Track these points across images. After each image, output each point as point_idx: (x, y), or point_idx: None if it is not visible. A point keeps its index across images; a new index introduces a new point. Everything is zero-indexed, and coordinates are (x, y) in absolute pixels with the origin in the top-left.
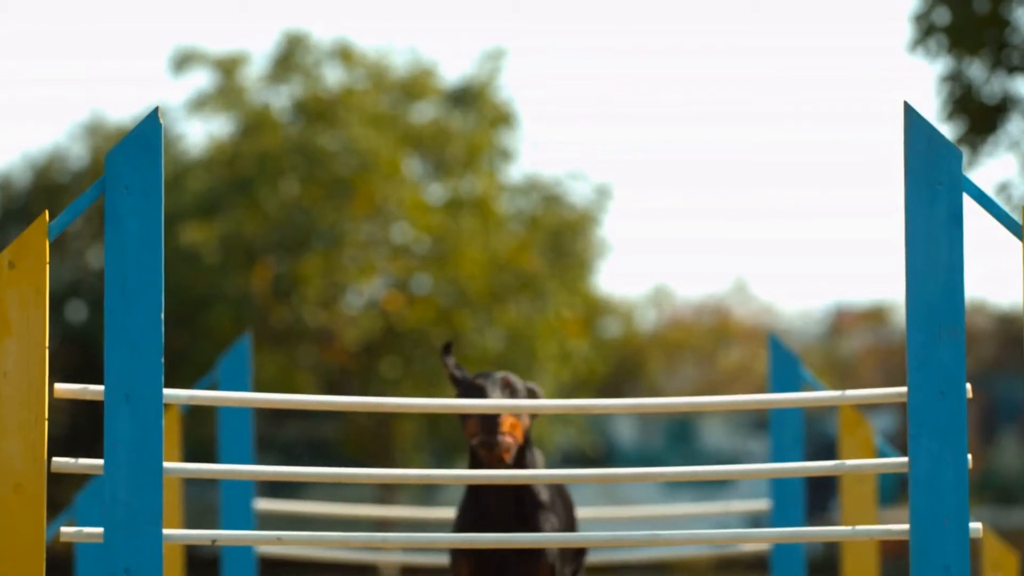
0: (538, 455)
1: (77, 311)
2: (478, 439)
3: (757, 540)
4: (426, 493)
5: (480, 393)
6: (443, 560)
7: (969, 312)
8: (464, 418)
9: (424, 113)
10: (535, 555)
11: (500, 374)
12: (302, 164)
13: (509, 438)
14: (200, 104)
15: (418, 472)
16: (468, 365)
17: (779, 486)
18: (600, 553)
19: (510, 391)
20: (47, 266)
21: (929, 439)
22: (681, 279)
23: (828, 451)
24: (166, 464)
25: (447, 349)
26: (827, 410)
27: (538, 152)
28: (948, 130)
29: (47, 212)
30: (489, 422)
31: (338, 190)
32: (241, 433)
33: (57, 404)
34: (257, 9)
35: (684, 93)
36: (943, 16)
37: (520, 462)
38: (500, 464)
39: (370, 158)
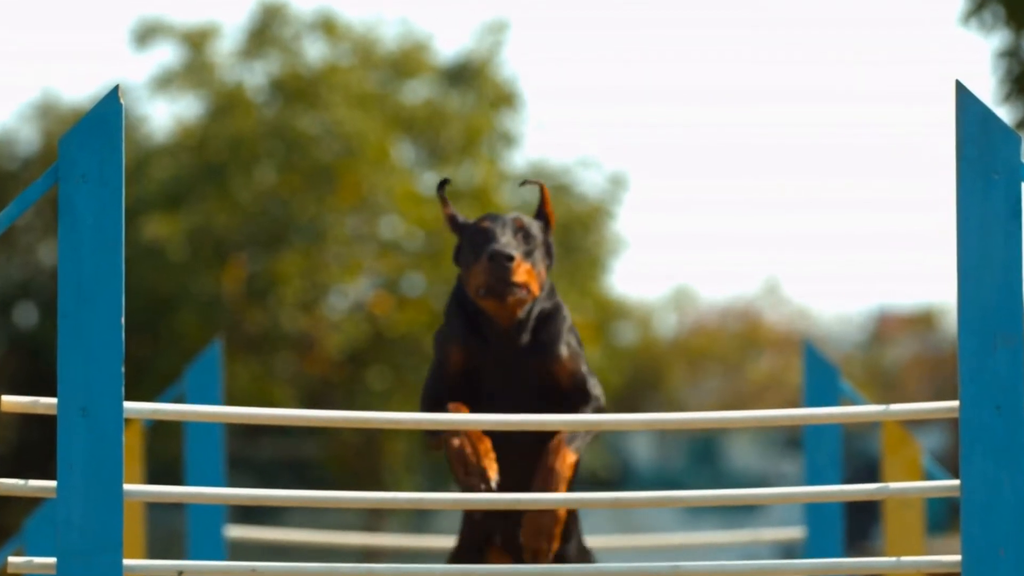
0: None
1: (27, 314)
2: (485, 288)
3: (790, 572)
4: (418, 519)
5: (485, 237)
6: None
7: None
8: (467, 265)
9: (416, 93)
10: (547, 359)
11: (512, 215)
12: (279, 149)
13: (523, 291)
14: (165, 82)
15: (409, 496)
16: None
17: (815, 512)
18: None
19: (523, 235)
20: None
21: (983, 459)
22: (705, 279)
23: (870, 472)
24: (127, 486)
25: (442, 187)
26: (869, 427)
27: (544, 136)
28: (1005, 113)
29: None
30: (499, 268)
31: (320, 179)
32: (211, 451)
33: (4, 419)
34: None
35: (709, 70)
36: None
37: (531, 323)
38: (510, 320)
39: (356, 143)
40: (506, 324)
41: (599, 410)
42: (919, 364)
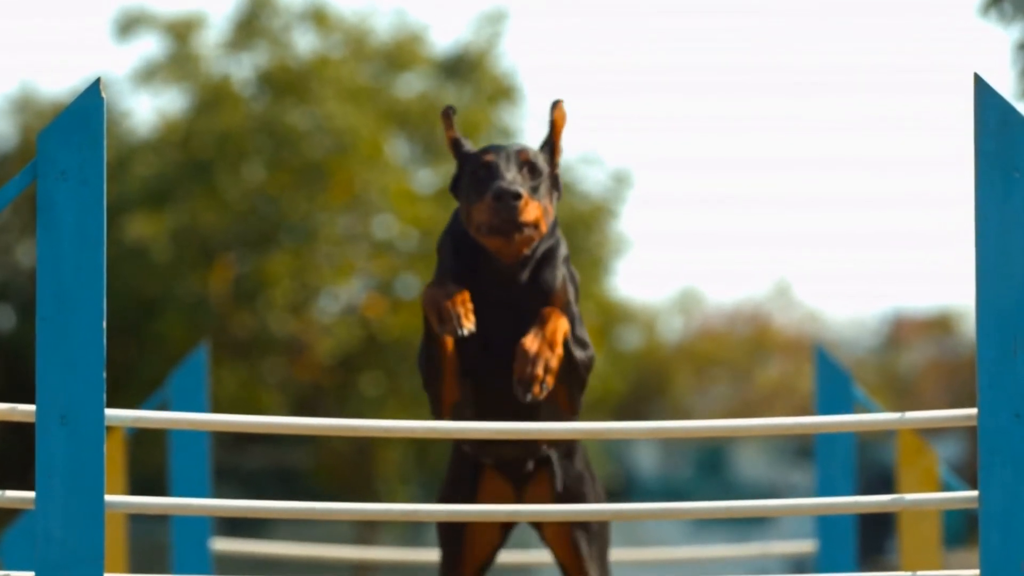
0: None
1: (4, 317)
2: (488, 227)
3: None
4: (412, 532)
5: (489, 172)
6: None
7: None
8: (468, 199)
9: (411, 86)
10: (541, 291)
11: (517, 146)
12: (268, 145)
13: (531, 229)
14: (149, 75)
15: (403, 507)
16: None
17: (827, 524)
18: None
19: (529, 169)
20: None
21: (1002, 468)
22: (712, 281)
23: (884, 483)
24: (108, 497)
25: (448, 113)
26: (883, 435)
27: (544, 132)
28: None
29: None
30: (505, 208)
31: (310, 176)
32: (196, 461)
33: None
34: None
35: (716, 63)
36: None
37: (533, 260)
38: (515, 258)
39: (348, 139)
40: (509, 262)
41: (591, 361)
42: (935, 370)
